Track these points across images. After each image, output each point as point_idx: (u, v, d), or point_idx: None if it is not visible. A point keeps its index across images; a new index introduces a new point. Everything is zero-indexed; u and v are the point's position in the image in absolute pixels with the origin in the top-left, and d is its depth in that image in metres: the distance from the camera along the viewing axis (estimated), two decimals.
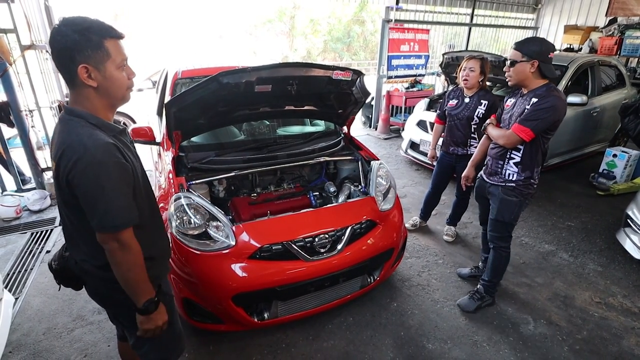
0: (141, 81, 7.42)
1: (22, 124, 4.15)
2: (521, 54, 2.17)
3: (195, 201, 2.14)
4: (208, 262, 2.05)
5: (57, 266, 1.43)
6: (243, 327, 2.20)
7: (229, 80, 2.04)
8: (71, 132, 1.16)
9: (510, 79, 2.28)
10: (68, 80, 1.18)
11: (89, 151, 1.11)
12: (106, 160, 1.13)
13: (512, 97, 2.42)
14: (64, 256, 1.43)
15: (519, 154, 2.32)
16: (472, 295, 2.68)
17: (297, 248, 2.14)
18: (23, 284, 2.88)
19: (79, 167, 1.11)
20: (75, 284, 1.45)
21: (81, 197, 1.15)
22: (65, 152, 1.13)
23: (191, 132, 2.51)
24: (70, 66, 1.13)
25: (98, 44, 1.14)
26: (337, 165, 3.03)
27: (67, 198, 1.20)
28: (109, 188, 1.14)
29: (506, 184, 2.39)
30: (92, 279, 1.38)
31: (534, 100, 2.19)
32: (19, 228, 3.73)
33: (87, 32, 1.12)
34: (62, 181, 1.16)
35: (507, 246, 2.56)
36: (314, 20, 24.41)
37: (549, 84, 2.22)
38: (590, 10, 9.41)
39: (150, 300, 1.30)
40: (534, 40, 2.19)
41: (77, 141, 1.13)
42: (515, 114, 2.30)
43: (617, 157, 4.85)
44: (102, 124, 1.21)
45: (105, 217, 1.15)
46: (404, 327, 2.49)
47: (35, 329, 2.45)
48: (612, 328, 2.52)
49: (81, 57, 1.12)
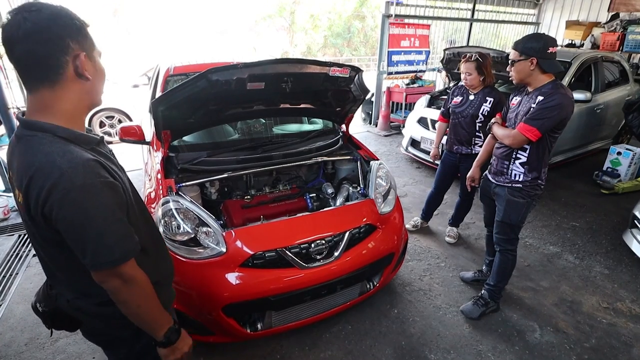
0: (137, 77, 7.31)
1: (10, 122, 4.00)
2: (519, 53, 2.11)
3: (184, 205, 2.02)
4: (197, 271, 1.93)
5: (46, 308, 1.18)
6: (235, 338, 2.09)
7: (219, 78, 1.91)
8: (37, 152, 0.91)
9: (513, 78, 2.21)
10: (46, 78, 0.93)
11: (65, 175, 0.88)
12: (89, 183, 0.91)
13: (518, 95, 2.34)
14: (50, 295, 1.17)
15: (525, 154, 2.24)
16: (476, 301, 2.58)
17: (292, 255, 2.02)
18: (7, 289, 2.76)
19: (55, 196, 0.88)
20: (69, 325, 1.21)
21: (65, 233, 0.93)
22: (34, 179, 0.90)
23: (181, 131, 2.39)
24: (59, 56, 0.92)
25: (84, 30, 0.97)
26: (335, 165, 2.91)
27: (45, 234, 0.98)
28: (99, 216, 0.93)
29: (512, 184, 2.30)
30: (90, 317, 1.16)
31: (539, 98, 2.11)
32: (6, 230, 3.61)
33: (72, 18, 0.95)
34: (37, 216, 0.93)
35: (514, 249, 2.46)
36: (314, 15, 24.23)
37: (555, 81, 2.14)
38: (592, 5, 9.26)
39: (171, 330, 1.12)
40: (532, 37, 2.13)
41: (48, 163, 0.89)
42: (521, 113, 2.22)
43: (621, 154, 4.75)
44: (76, 137, 0.98)
45: (99, 253, 0.94)
46: (405, 335, 2.38)
47: (17, 339, 2.34)
48: (622, 335, 2.42)
49: (76, 44, 0.94)
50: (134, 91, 6.86)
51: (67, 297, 1.14)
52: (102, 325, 1.18)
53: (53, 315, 1.18)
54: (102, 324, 1.18)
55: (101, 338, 1.24)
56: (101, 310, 1.12)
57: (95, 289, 1.04)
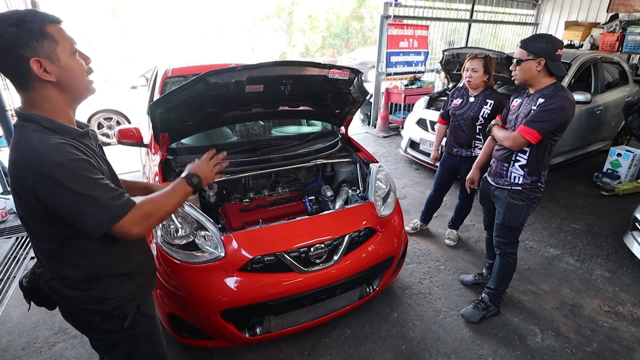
0: (135, 78, 7.28)
1: (7, 124, 3.99)
2: (527, 52, 2.06)
3: (182, 209, 2.00)
4: (195, 275, 1.91)
5: (27, 284, 1.28)
6: (233, 343, 2.07)
7: (217, 80, 1.90)
8: (21, 138, 1.01)
9: (517, 78, 2.17)
10: (20, 85, 1.03)
11: (43, 156, 0.97)
12: (66, 159, 0.99)
13: (518, 97, 2.31)
14: (35, 273, 1.28)
15: (525, 156, 2.21)
16: (477, 304, 2.56)
17: (291, 259, 2.00)
18: (5, 293, 2.73)
19: (40, 178, 0.97)
20: (47, 303, 1.30)
21: (58, 208, 1.01)
22: (17, 162, 1.00)
23: (179, 134, 2.37)
24: (19, 66, 0.98)
25: (41, 32, 0.99)
26: (334, 167, 2.89)
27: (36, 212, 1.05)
28: (84, 185, 1.00)
29: (512, 187, 2.28)
30: (62, 299, 1.23)
31: (540, 100, 2.09)
32: (4, 232, 3.58)
33: (24, 23, 0.96)
34: (28, 197, 1.01)
35: (514, 252, 2.44)
36: (312, 16, 24.19)
37: (557, 83, 2.11)
38: (591, 6, 9.26)
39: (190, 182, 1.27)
40: (541, 37, 2.08)
41: (28, 148, 0.98)
42: (521, 115, 2.20)
43: (621, 156, 4.73)
44: (58, 127, 1.06)
45: (100, 216, 1.02)
46: (405, 340, 2.36)
47: (14, 343, 2.31)
48: (623, 340, 2.40)
49: (28, 51, 0.97)
50: (132, 92, 6.83)
51: (46, 277, 1.22)
52: (72, 307, 1.25)
53: (32, 292, 1.28)
54: (72, 306, 1.24)
55: (74, 319, 1.30)
56: (71, 294, 1.19)
57: (68, 271, 1.14)
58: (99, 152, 1.21)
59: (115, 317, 1.25)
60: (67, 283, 1.18)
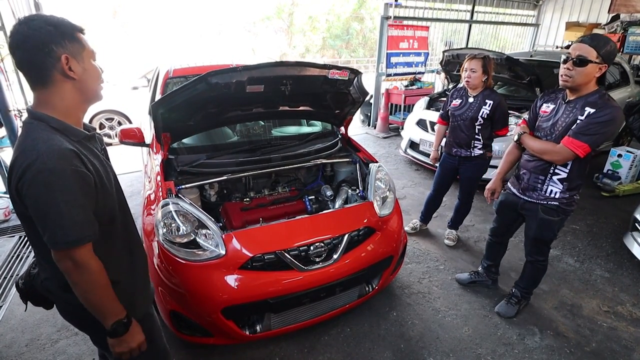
0: (136, 79, 7.31)
1: (10, 124, 4.01)
2: (597, 54, 1.81)
3: (183, 207, 2.02)
4: (196, 273, 1.93)
5: (23, 285, 1.31)
6: (234, 340, 2.08)
7: (218, 81, 1.92)
8: (28, 136, 1.05)
9: (568, 80, 1.91)
10: (39, 79, 1.07)
11: (41, 157, 1.00)
12: (60, 168, 1.01)
13: (549, 101, 2.12)
14: (31, 274, 1.31)
15: (566, 169, 2.05)
16: (509, 300, 2.59)
17: (291, 258, 2.02)
18: (8, 291, 2.76)
19: (27, 175, 1.00)
20: (44, 303, 1.33)
21: (31, 209, 1.03)
22: (17, 158, 1.03)
23: (180, 134, 2.39)
24: (46, 61, 1.04)
25: (72, 35, 1.09)
26: (334, 167, 2.91)
27: (21, 210, 1.09)
28: (62, 199, 1.01)
29: (548, 202, 2.13)
30: (56, 299, 1.27)
31: (589, 110, 1.89)
32: (7, 231, 3.61)
33: (60, 25, 1.07)
34: (12, 191, 1.05)
35: (545, 259, 2.41)
36: (313, 17, 24.25)
37: (601, 91, 1.93)
38: (592, 6, 9.27)
39: (119, 322, 1.17)
40: (608, 40, 1.84)
41: (31, 146, 1.02)
42: (562, 124, 2.01)
43: (622, 157, 4.73)
44: (66, 128, 1.10)
45: (56, 232, 1.03)
46: (404, 338, 2.38)
47: (17, 340, 2.34)
48: (622, 339, 2.41)
49: (59, 47, 1.05)
50: (134, 93, 6.87)
51: (41, 278, 1.25)
52: (69, 307, 1.27)
53: (28, 293, 1.30)
54: (68, 306, 1.27)
55: (72, 318, 1.33)
56: (64, 295, 1.21)
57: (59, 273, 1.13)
58: (102, 157, 1.24)
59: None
60: (59, 284, 1.20)
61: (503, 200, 2.45)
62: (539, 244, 2.33)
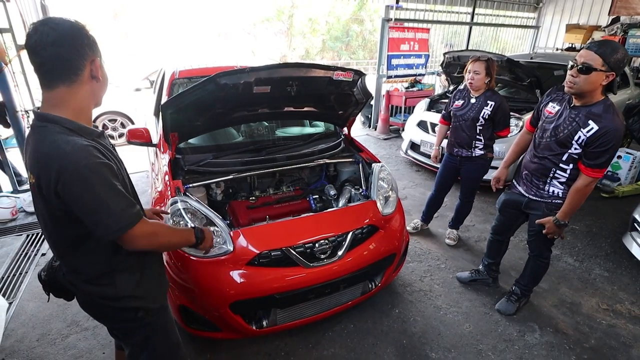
0: (139, 81, 7.36)
1: (18, 125, 4.07)
2: (603, 61, 1.78)
3: (192, 205, 2.07)
4: (205, 269, 1.98)
5: (46, 277, 1.38)
6: (241, 335, 2.13)
7: (227, 81, 1.98)
8: (45, 139, 1.08)
9: (574, 87, 1.90)
10: (65, 76, 1.10)
11: (70, 157, 1.04)
12: (91, 162, 1.07)
13: (555, 101, 2.13)
14: (53, 266, 1.38)
15: (566, 174, 2.10)
16: (509, 297, 2.64)
17: (296, 254, 2.07)
18: (17, 288, 2.81)
19: (64, 176, 1.04)
20: (66, 294, 1.40)
21: (77, 208, 1.08)
22: (44, 163, 1.07)
23: (188, 133, 2.45)
24: (79, 60, 1.11)
25: (95, 41, 1.16)
26: (337, 167, 2.96)
27: (54, 210, 1.13)
28: (102, 191, 1.08)
29: (552, 200, 2.20)
30: (79, 292, 1.33)
31: (592, 126, 1.89)
32: (14, 230, 3.66)
33: (86, 30, 1.14)
34: (50, 195, 1.08)
35: (548, 255, 2.47)
36: (313, 19, 24.29)
37: (606, 101, 1.91)
38: (593, 8, 9.32)
39: (196, 234, 1.40)
40: (617, 47, 1.80)
41: (55, 149, 1.06)
42: (564, 130, 2.01)
43: (621, 158, 4.78)
44: (80, 128, 1.14)
45: (109, 224, 1.09)
46: (406, 334, 2.43)
47: (29, 334, 2.39)
48: (621, 337, 2.46)
49: (90, 51, 1.13)
50: (136, 95, 6.91)
51: (63, 271, 1.32)
52: (89, 300, 1.34)
53: (50, 284, 1.38)
54: (89, 299, 1.34)
55: (91, 309, 1.39)
56: (87, 288, 1.28)
57: (82, 267, 1.23)
58: (114, 151, 1.29)
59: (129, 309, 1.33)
60: (82, 278, 1.27)
61: (507, 199, 2.51)
62: (544, 240, 2.37)
